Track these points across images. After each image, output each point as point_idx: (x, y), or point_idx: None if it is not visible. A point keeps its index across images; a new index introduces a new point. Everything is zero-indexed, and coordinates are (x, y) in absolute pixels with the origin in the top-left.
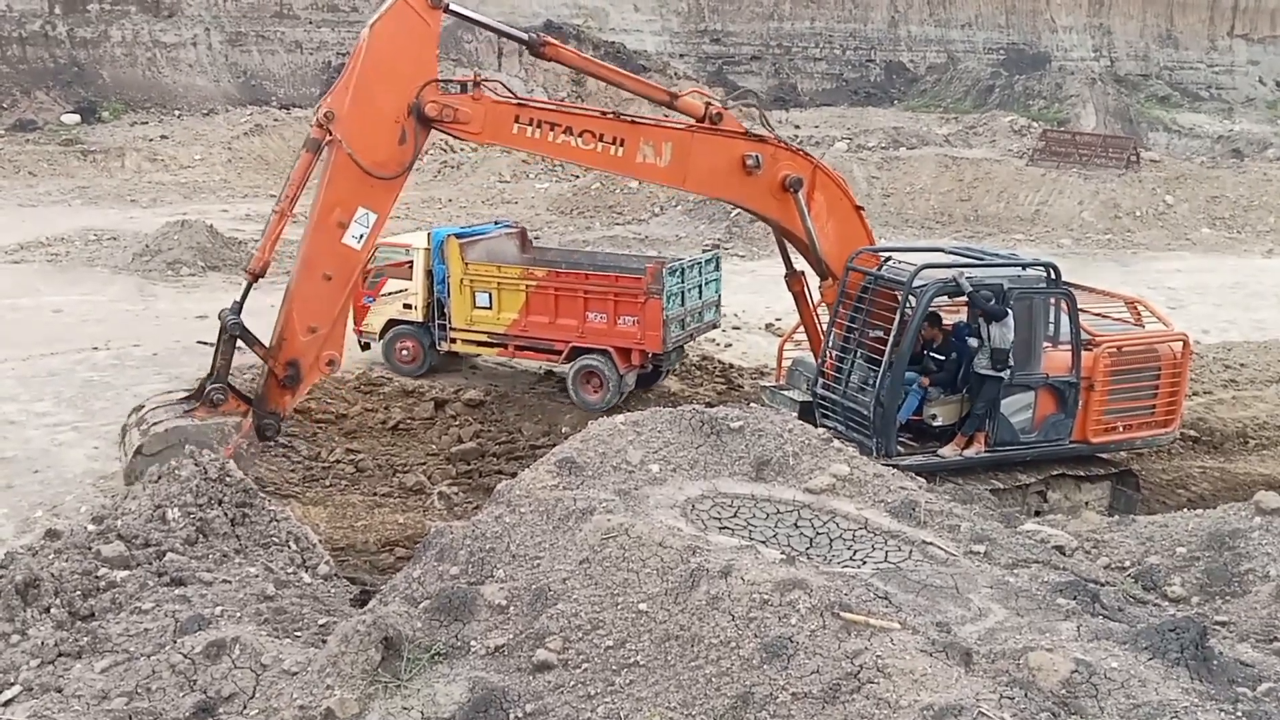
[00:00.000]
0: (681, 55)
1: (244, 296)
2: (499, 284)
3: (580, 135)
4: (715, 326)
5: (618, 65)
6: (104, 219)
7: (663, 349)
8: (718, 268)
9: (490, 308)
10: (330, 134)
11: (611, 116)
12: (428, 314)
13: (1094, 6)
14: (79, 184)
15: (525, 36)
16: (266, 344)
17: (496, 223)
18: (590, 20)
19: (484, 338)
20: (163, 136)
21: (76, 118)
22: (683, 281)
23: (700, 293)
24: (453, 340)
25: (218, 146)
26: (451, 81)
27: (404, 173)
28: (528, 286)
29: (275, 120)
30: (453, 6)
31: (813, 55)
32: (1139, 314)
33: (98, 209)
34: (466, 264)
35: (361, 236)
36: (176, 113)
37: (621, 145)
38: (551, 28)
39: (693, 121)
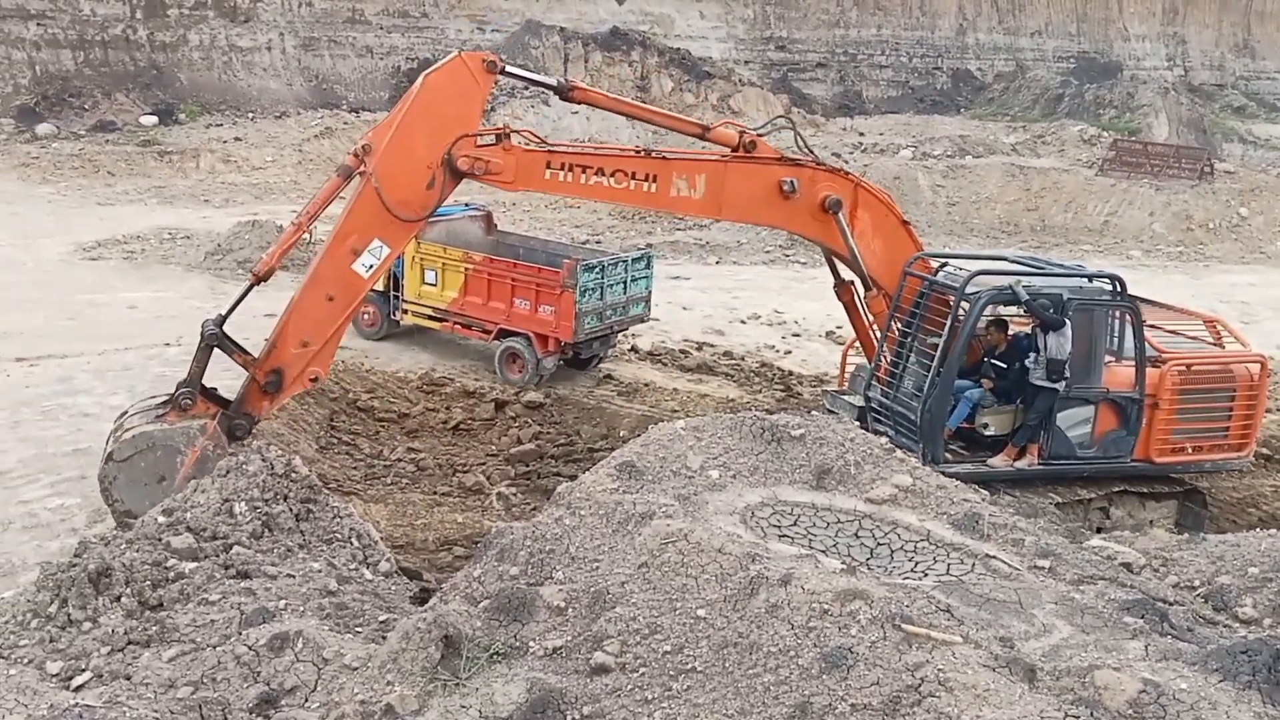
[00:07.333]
0: (747, 62)
1: (239, 300)
2: (443, 264)
3: (612, 175)
4: (643, 321)
5: (683, 72)
6: (178, 218)
7: (574, 339)
8: (649, 266)
9: (435, 285)
10: (364, 165)
11: (642, 154)
12: (387, 284)
13: (1168, 15)
14: (155, 184)
15: (554, 83)
16: (246, 349)
17: (466, 205)
18: (656, 27)
19: (430, 312)
20: (236, 138)
21: (154, 119)
22: (602, 277)
23: (625, 289)
24: (404, 312)
25: (289, 149)
26: (483, 133)
27: (425, 217)
28: (466, 269)
29: (345, 124)
30: (510, 69)
31: (879, 63)
32: (1219, 334)
33: (172, 208)
34: (419, 242)
35: (371, 266)
36: (250, 115)
37: (654, 181)
38: (617, 34)
39: (727, 152)
